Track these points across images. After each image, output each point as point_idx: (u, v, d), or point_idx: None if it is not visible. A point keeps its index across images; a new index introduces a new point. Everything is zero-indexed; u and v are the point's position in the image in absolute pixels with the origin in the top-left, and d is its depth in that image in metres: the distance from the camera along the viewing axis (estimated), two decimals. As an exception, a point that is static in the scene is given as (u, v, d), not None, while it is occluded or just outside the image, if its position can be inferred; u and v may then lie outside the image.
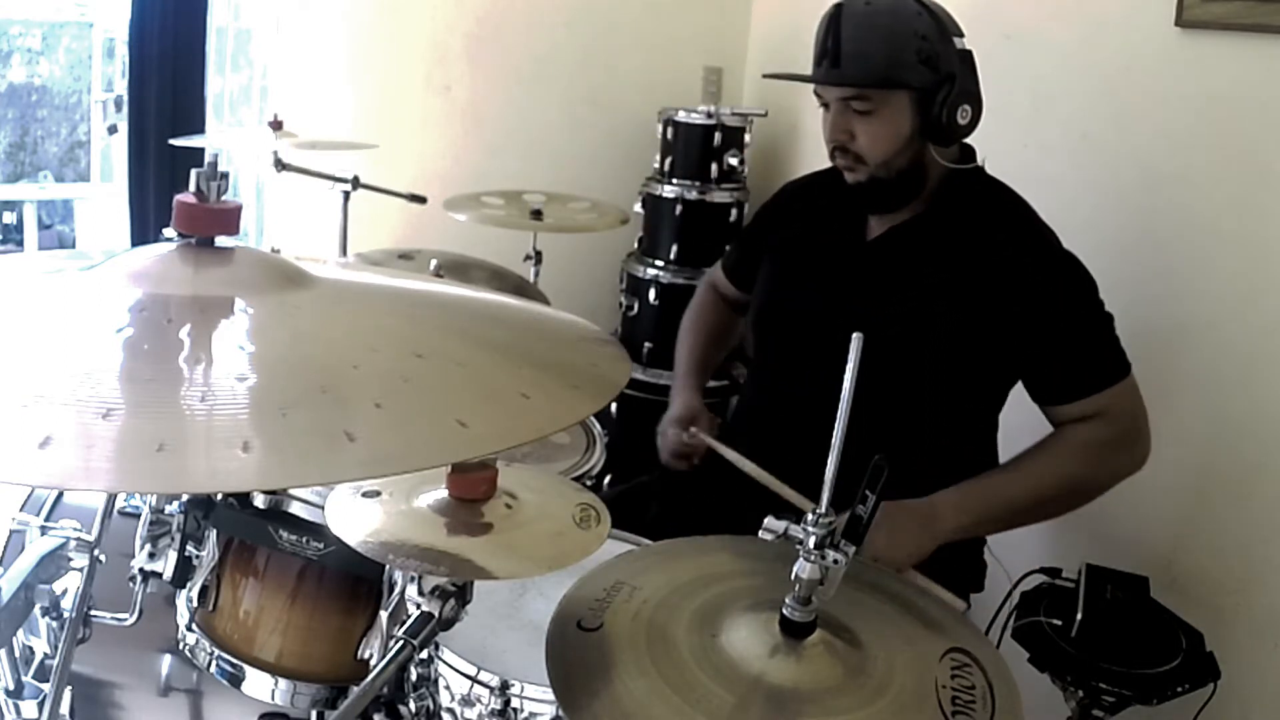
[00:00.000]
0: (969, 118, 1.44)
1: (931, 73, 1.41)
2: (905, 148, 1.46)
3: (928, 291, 1.46)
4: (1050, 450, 1.46)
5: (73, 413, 0.57)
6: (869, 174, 1.48)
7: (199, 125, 2.71)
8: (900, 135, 1.45)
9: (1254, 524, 1.60)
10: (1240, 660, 1.49)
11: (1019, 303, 1.42)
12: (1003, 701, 0.84)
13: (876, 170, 1.47)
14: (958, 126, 1.44)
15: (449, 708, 1.11)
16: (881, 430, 1.20)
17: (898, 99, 1.43)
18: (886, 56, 1.40)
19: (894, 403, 1.41)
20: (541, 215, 2.37)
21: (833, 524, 0.83)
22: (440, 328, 0.81)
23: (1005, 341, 1.44)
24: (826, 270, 1.58)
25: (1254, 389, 1.60)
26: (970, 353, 1.45)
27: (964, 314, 1.44)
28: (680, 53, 3.14)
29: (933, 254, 1.48)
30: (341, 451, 0.60)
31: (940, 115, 1.42)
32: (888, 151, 1.45)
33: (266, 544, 1.20)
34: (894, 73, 1.41)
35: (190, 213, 0.74)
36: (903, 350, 1.42)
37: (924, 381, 1.46)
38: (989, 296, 1.43)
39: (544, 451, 1.60)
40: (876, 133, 1.45)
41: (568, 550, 0.95)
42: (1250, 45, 1.59)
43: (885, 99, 1.43)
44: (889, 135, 1.45)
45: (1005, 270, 1.43)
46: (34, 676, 1.06)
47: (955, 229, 1.48)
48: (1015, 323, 1.42)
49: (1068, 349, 1.44)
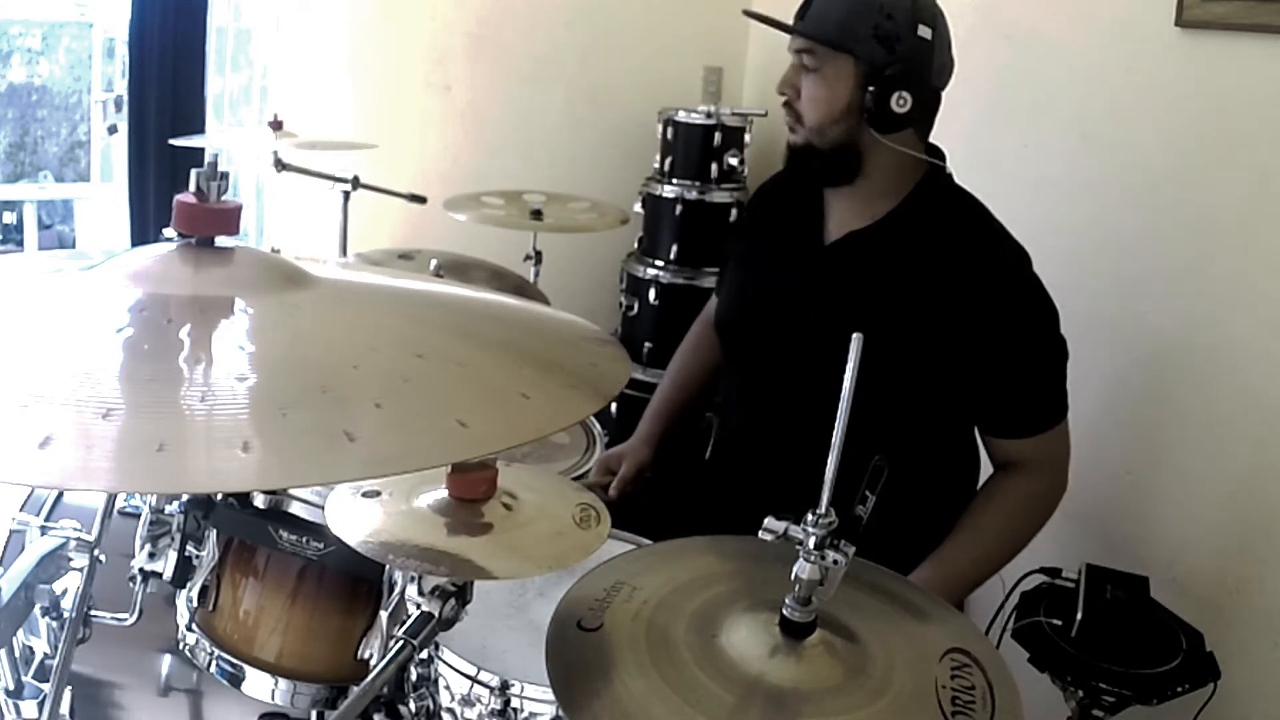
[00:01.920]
0: (906, 106, 1.39)
1: (885, 52, 1.39)
2: (841, 119, 1.43)
3: (883, 301, 1.42)
4: (996, 511, 1.46)
5: (73, 413, 0.57)
6: (805, 138, 1.47)
7: (199, 125, 2.71)
8: (836, 102, 1.43)
9: (1254, 524, 1.60)
10: (1240, 660, 1.49)
11: (977, 325, 1.38)
12: (1003, 701, 0.84)
13: (812, 135, 1.46)
14: (891, 112, 1.40)
15: (449, 708, 1.11)
16: (861, 435, 1.19)
17: (842, 64, 1.41)
18: (842, 20, 1.40)
19: (863, 410, 1.39)
20: (541, 215, 2.37)
21: (832, 524, 0.83)
22: (440, 328, 0.81)
23: (959, 361, 1.40)
24: (785, 276, 1.55)
25: (1253, 388, 1.60)
26: (926, 366, 1.41)
27: (919, 327, 1.40)
28: (680, 53, 3.14)
29: (889, 264, 1.44)
30: (341, 451, 0.60)
31: (878, 95, 1.39)
32: (822, 117, 1.44)
33: (266, 544, 1.20)
34: (844, 37, 1.39)
35: (190, 213, 0.74)
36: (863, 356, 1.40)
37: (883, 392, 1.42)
38: (945, 314, 1.39)
39: (544, 451, 1.60)
40: (815, 94, 1.44)
41: (568, 550, 0.95)
42: (1250, 45, 1.59)
43: (830, 60, 1.41)
44: (826, 99, 1.43)
45: (965, 290, 1.39)
46: (34, 676, 1.06)
47: (915, 241, 1.44)
48: (971, 344, 1.39)
49: (1021, 384, 1.43)
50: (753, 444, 1.57)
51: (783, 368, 1.48)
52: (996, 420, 1.46)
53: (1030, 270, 1.42)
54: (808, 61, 1.44)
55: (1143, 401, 1.79)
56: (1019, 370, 1.42)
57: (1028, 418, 1.44)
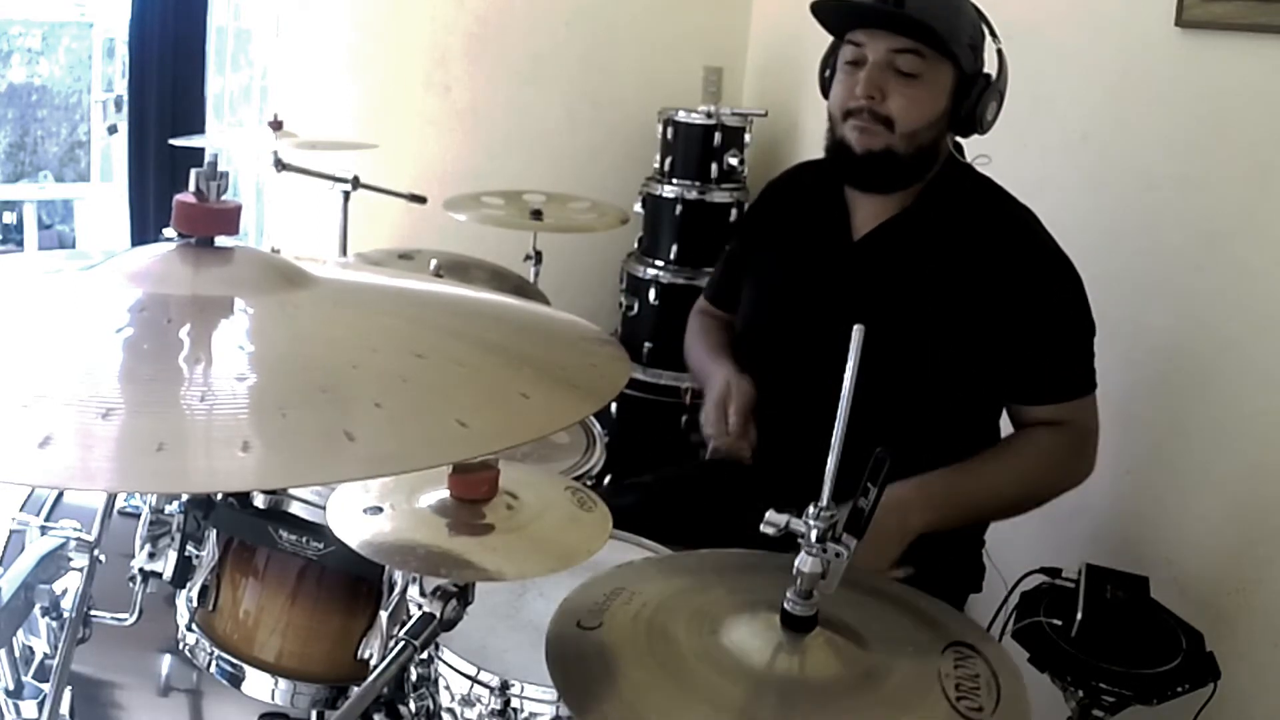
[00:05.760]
0: (994, 116, 1.44)
1: (974, 61, 1.42)
2: (932, 126, 1.43)
3: (921, 289, 1.44)
4: (1016, 451, 1.47)
5: (73, 412, 0.57)
6: (887, 143, 1.42)
7: (199, 125, 2.71)
8: (936, 109, 1.42)
9: (1254, 524, 1.60)
10: (1240, 660, 1.49)
11: (1012, 298, 1.41)
12: (1008, 688, 0.84)
13: (899, 140, 1.42)
14: (985, 120, 1.43)
15: (449, 708, 1.11)
16: (882, 428, 1.19)
17: (944, 71, 1.41)
18: (950, 22, 1.38)
19: (893, 401, 1.40)
20: (541, 215, 2.37)
21: (834, 517, 0.83)
22: (440, 328, 0.81)
23: (994, 337, 1.43)
24: (814, 276, 1.55)
25: (1254, 388, 1.60)
26: (965, 349, 1.44)
27: (958, 310, 1.43)
28: (680, 53, 3.14)
29: (924, 250, 1.46)
30: (341, 451, 0.60)
31: (975, 104, 1.41)
32: (919, 121, 1.41)
33: (266, 544, 1.20)
34: (953, 42, 1.39)
35: (190, 213, 0.74)
36: (900, 349, 1.41)
37: (922, 380, 1.45)
38: (983, 292, 1.42)
39: (544, 451, 1.60)
40: (917, 97, 1.40)
41: (570, 551, 0.95)
42: (1250, 45, 1.59)
43: (934, 67, 1.40)
44: (928, 103, 1.41)
45: (1000, 266, 1.42)
46: (34, 676, 1.06)
47: (947, 225, 1.46)
48: (1006, 318, 1.41)
49: (1051, 351, 1.44)
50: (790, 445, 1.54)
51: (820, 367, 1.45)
52: (1035, 384, 1.46)
53: (1056, 243, 1.45)
54: (905, 66, 1.39)
55: (1143, 401, 1.79)
56: (1056, 332, 1.44)
57: (1057, 383, 1.45)
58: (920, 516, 1.39)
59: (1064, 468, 1.48)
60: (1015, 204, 1.48)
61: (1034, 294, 1.42)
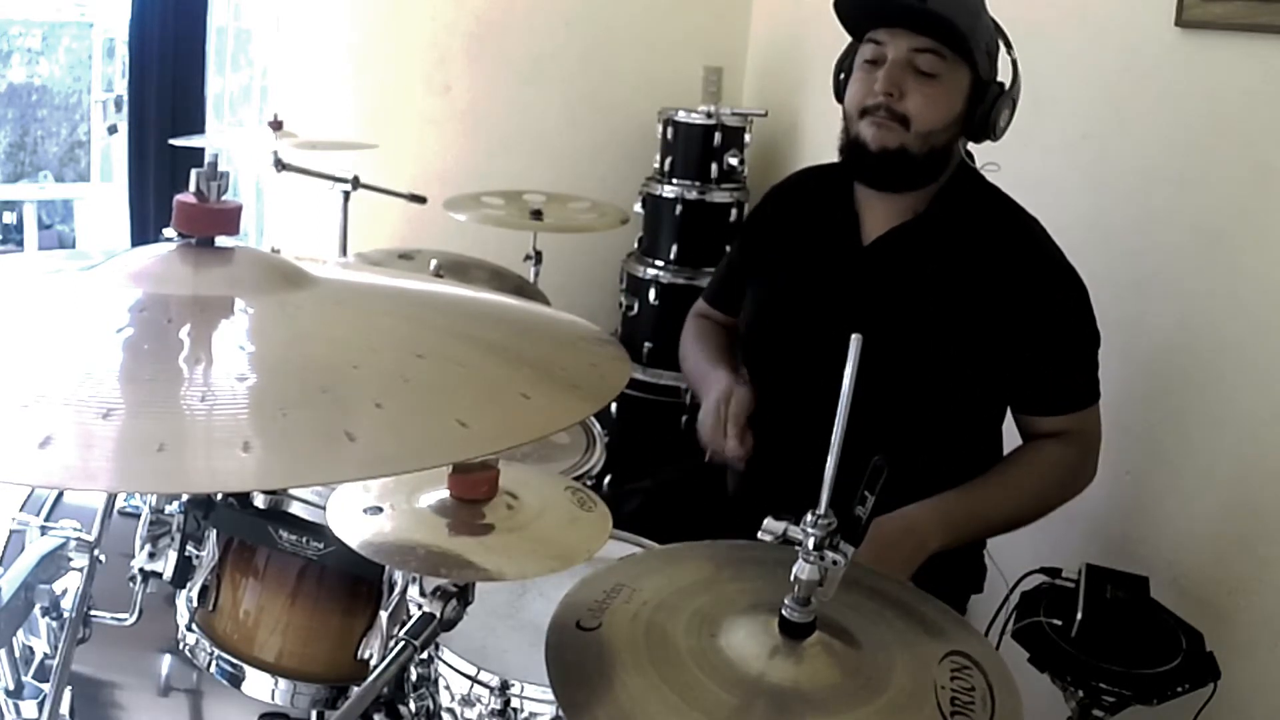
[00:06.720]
0: (1006, 123, 1.45)
1: (990, 68, 1.43)
2: (948, 128, 1.43)
3: (930, 295, 1.45)
4: (1026, 468, 1.48)
5: (73, 413, 0.57)
6: (902, 141, 1.42)
7: (199, 125, 2.71)
8: (952, 111, 1.42)
9: (1254, 524, 1.60)
10: (1240, 660, 1.49)
11: (1020, 308, 1.42)
12: (1003, 703, 0.84)
13: (914, 140, 1.42)
14: (998, 127, 1.44)
15: (449, 708, 1.11)
16: (886, 434, 1.19)
17: (961, 74, 1.41)
18: (970, 25, 1.39)
19: (897, 407, 1.40)
20: (541, 215, 2.37)
21: (832, 525, 0.83)
22: (440, 328, 0.81)
23: (1001, 346, 1.43)
24: (822, 279, 1.54)
25: (1254, 388, 1.60)
26: (971, 357, 1.44)
27: (966, 317, 1.43)
28: (680, 53, 3.14)
29: (933, 257, 1.46)
30: (341, 451, 0.60)
31: (989, 110, 1.42)
32: (935, 122, 1.41)
33: (266, 544, 1.20)
34: (973, 45, 1.39)
35: (190, 213, 0.74)
36: (907, 355, 1.41)
37: (926, 386, 1.45)
38: (991, 300, 1.42)
39: (544, 451, 1.60)
40: (935, 97, 1.41)
41: (570, 551, 0.95)
42: (1250, 45, 1.59)
43: (952, 69, 1.40)
44: (945, 104, 1.41)
45: (1009, 276, 1.42)
46: (34, 676, 1.06)
47: (958, 232, 1.46)
48: (1013, 328, 1.42)
49: (1059, 362, 1.45)
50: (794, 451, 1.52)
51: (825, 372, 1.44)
52: (1035, 397, 1.47)
53: (1063, 254, 1.45)
54: (925, 65, 1.39)
55: (1142, 401, 1.79)
56: (1058, 347, 1.45)
57: (1064, 394, 1.46)
58: (938, 539, 1.39)
59: (1071, 479, 1.49)
60: (1023, 213, 1.48)
61: (1042, 305, 1.42)
